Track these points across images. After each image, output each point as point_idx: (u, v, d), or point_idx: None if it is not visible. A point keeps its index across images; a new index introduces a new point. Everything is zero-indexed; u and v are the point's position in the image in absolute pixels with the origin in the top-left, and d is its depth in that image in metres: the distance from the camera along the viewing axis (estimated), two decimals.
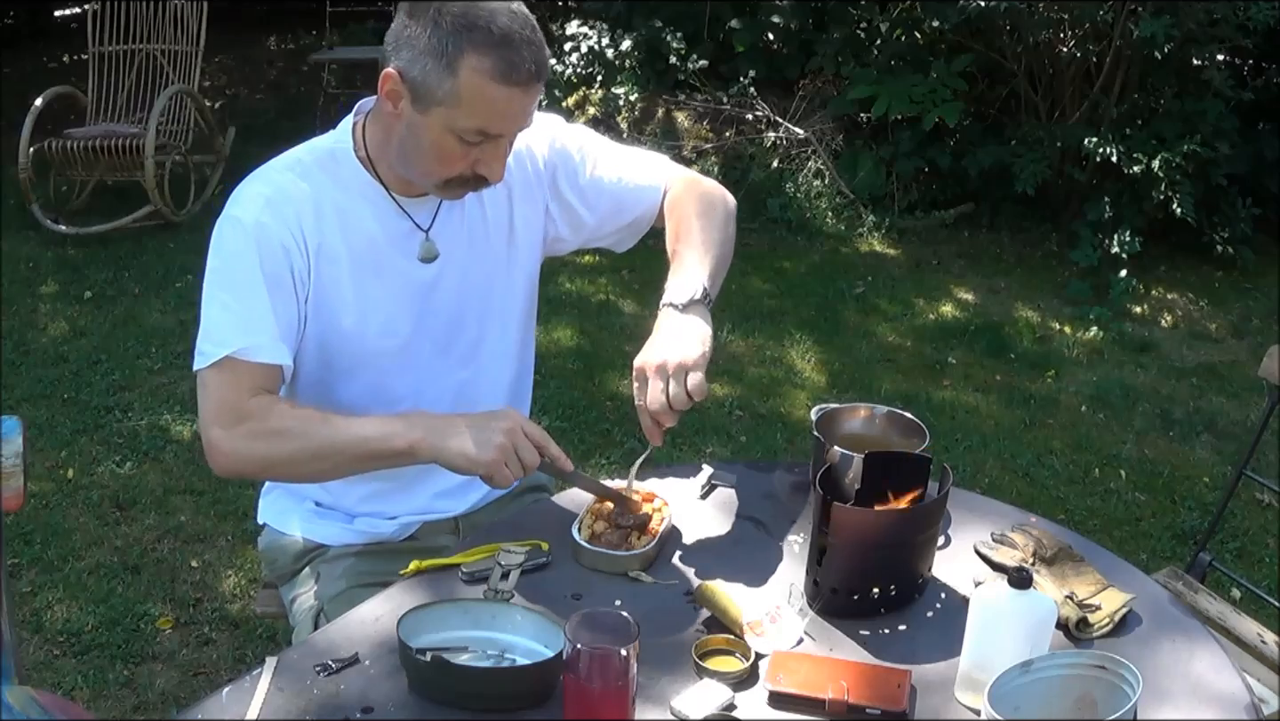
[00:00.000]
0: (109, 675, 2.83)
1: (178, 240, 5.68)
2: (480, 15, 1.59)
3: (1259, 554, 3.46)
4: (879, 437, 1.85)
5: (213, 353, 1.67)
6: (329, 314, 1.76)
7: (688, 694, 1.43)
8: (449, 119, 1.63)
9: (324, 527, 1.92)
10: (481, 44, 1.59)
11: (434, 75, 1.60)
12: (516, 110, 1.64)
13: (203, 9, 6.20)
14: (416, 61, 1.61)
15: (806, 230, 5.99)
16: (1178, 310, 5.26)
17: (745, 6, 6.77)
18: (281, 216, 1.71)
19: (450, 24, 1.59)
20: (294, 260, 1.71)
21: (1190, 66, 5.45)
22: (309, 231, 1.72)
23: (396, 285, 1.79)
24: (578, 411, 4.11)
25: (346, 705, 1.42)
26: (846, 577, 1.60)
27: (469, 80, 1.60)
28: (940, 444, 3.93)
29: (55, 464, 3.72)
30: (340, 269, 1.75)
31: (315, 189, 1.74)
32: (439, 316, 1.83)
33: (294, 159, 1.79)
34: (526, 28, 1.62)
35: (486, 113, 1.62)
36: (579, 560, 1.70)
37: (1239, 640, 2.21)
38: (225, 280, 1.71)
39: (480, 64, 1.59)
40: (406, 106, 1.65)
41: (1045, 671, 1.36)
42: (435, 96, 1.62)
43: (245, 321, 1.68)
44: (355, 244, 1.76)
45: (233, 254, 1.70)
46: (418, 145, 1.68)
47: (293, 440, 1.67)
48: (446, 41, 1.59)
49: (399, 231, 1.78)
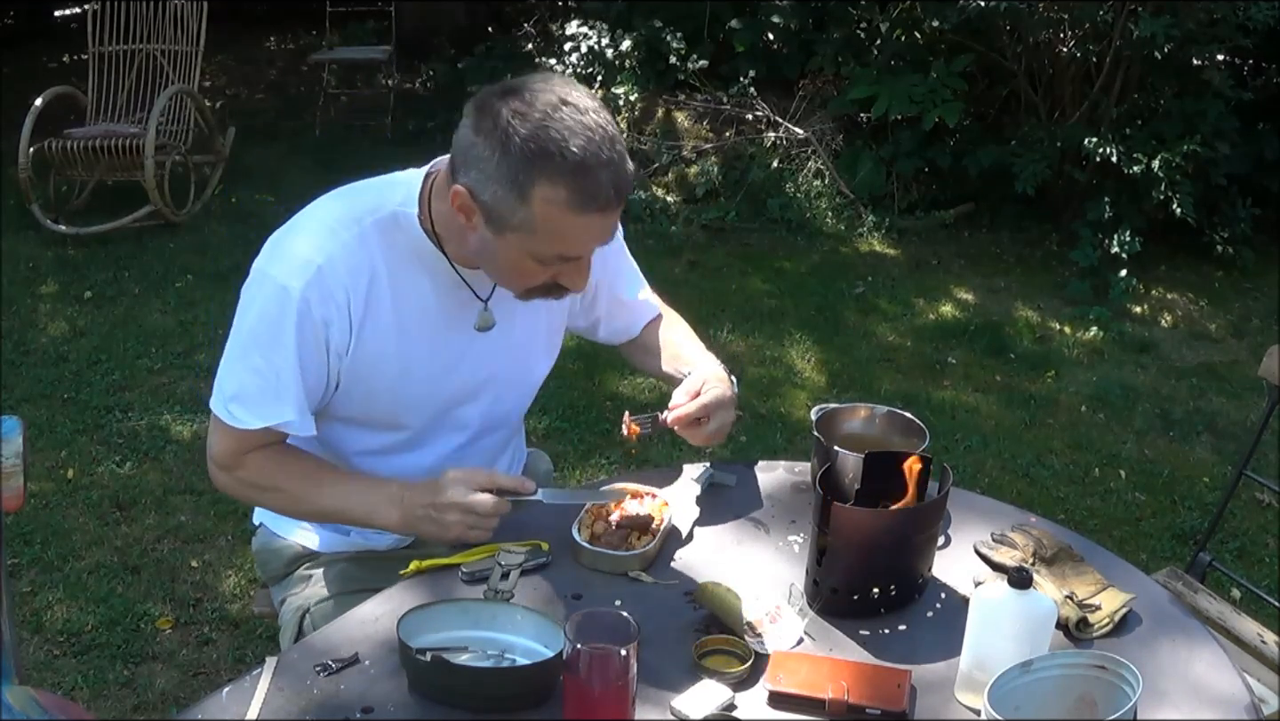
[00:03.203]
0: (109, 675, 2.83)
1: (178, 240, 5.68)
2: (553, 139, 1.47)
3: (1259, 554, 3.46)
4: (879, 438, 1.85)
5: (244, 420, 1.66)
6: (365, 376, 1.72)
7: (688, 694, 1.43)
8: (525, 244, 1.55)
9: (320, 535, 1.93)
10: (555, 173, 1.48)
11: (505, 203, 1.51)
12: (595, 234, 1.57)
13: (203, 9, 6.20)
14: (486, 185, 1.52)
15: (806, 230, 5.99)
16: (1178, 310, 5.26)
17: (745, 6, 6.77)
18: (329, 291, 1.63)
19: (520, 149, 1.48)
20: (334, 334, 1.65)
21: (1190, 66, 5.46)
22: (356, 303, 1.65)
23: (442, 351, 1.75)
24: (578, 411, 4.11)
25: (346, 705, 1.42)
26: (846, 577, 1.60)
27: (543, 211, 1.51)
28: (940, 444, 3.93)
29: (55, 464, 3.72)
30: (386, 336, 1.69)
31: (370, 257, 1.65)
32: (474, 378, 1.81)
33: (353, 216, 1.67)
34: (605, 145, 1.50)
35: (564, 241, 1.55)
36: (579, 560, 1.70)
37: (1239, 640, 2.21)
38: (260, 343, 1.65)
39: (554, 195, 1.49)
40: (480, 223, 1.56)
41: (1045, 671, 1.36)
42: (509, 223, 1.53)
43: (276, 395, 1.65)
44: (406, 311, 1.69)
45: (272, 320, 1.63)
46: (494, 261, 1.62)
47: (279, 497, 1.77)
48: (517, 170, 1.48)
49: (454, 300, 1.73)
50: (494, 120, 1.50)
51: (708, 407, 1.77)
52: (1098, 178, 5.60)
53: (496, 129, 1.49)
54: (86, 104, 6.18)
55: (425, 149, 7.08)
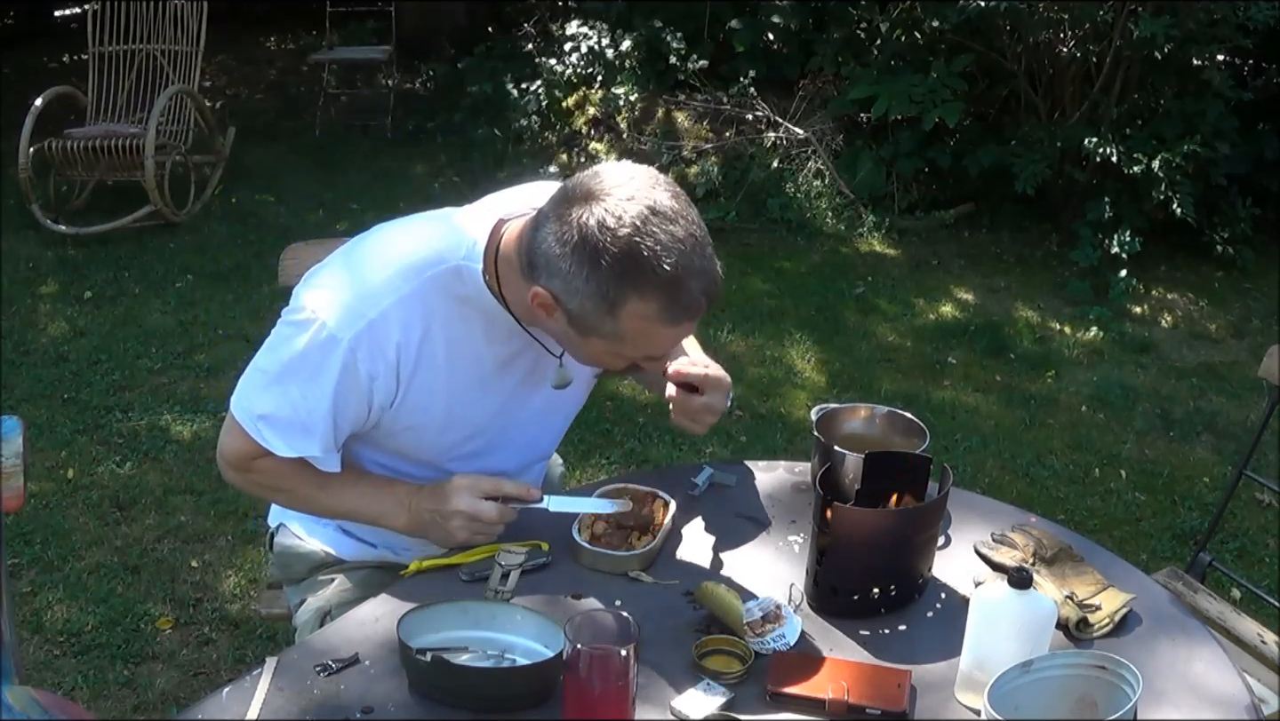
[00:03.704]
0: (109, 675, 2.83)
1: (178, 240, 5.68)
2: (645, 254, 1.42)
3: (1259, 554, 3.46)
4: (879, 438, 1.85)
5: (271, 443, 1.64)
6: (410, 423, 1.70)
7: (688, 694, 1.43)
8: (611, 347, 1.54)
9: (347, 545, 1.93)
10: (647, 289, 1.44)
11: (594, 315, 1.48)
12: (684, 335, 1.56)
13: (203, 9, 6.20)
14: (572, 297, 1.47)
15: (806, 230, 5.99)
16: (1178, 310, 5.26)
17: (745, 6, 6.77)
18: (378, 348, 1.59)
19: (610, 266, 1.42)
20: (378, 389, 1.62)
21: (1190, 66, 5.46)
22: (406, 359, 1.62)
23: (494, 402, 1.74)
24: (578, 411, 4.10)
25: (346, 705, 1.42)
26: (846, 577, 1.60)
27: (632, 324, 1.48)
28: (940, 444, 3.93)
29: (55, 464, 3.72)
30: (435, 387, 1.66)
31: (426, 311, 1.60)
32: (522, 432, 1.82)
33: (414, 268, 1.60)
34: (697, 253, 1.45)
35: (651, 345, 1.54)
36: (579, 560, 1.70)
37: (1239, 640, 2.21)
38: (300, 381, 1.61)
39: (646, 310, 1.46)
40: (563, 321, 1.52)
41: (1045, 671, 1.36)
42: (596, 331, 1.51)
43: (307, 431, 1.63)
44: (458, 363, 1.66)
45: (315, 363, 1.59)
46: (577, 352, 1.62)
47: (289, 496, 1.80)
48: (607, 286, 1.44)
49: (509, 351, 1.69)
50: (580, 233, 1.43)
51: (708, 380, 1.73)
52: (1098, 178, 5.60)
53: (586, 245, 1.43)
54: (86, 104, 6.18)
55: (425, 149, 7.15)
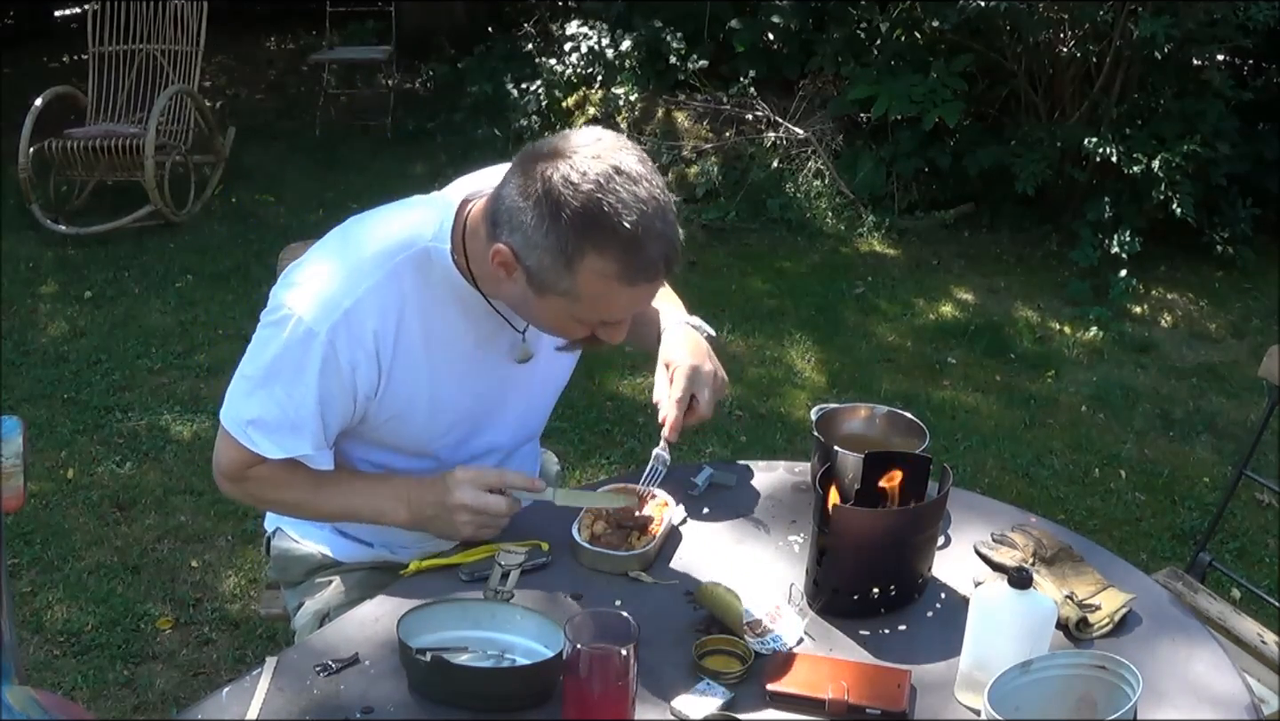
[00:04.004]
0: (109, 675, 2.83)
1: (178, 240, 5.68)
2: (606, 209, 1.43)
3: (1259, 554, 3.46)
4: (879, 438, 1.85)
5: (261, 446, 1.65)
6: (396, 411, 1.70)
7: (688, 694, 1.43)
8: (567, 308, 1.54)
9: (344, 546, 1.93)
10: (606, 246, 1.45)
11: (551, 271, 1.48)
12: (641, 300, 1.56)
13: (203, 9, 6.20)
14: (530, 251, 1.48)
15: (806, 230, 5.99)
16: (1178, 310, 5.26)
17: (745, 6, 6.77)
18: (355, 337, 1.60)
19: (570, 219, 1.44)
20: (361, 378, 1.63)
21: (1190, 66, 5.46)
22: (385, 345, 1.63)
23: (475, 382, 1.74)
24: (578, 411, 4.11)
25: (346, 705, 1.42)
26: (846, 577, 1.60)
27: (588, 281, 1.48)
28: (940, 444, 3.93)
29: (55, 464, 3.72)
30: (418, 372, 1.67)
31: (401, 295, 1.62)
32: (506, 405, 1.81)
33: (384, 253, 1.62)
34: (658, 217, 1.46)
35: (608, 308, 1.54)
36: (579, 560, 1.70)
37: (1239, 640, 2.21)
38: (283, 381, 1.62)
39: (604, 267, 1.47)
40: (521, 280, 1.53)
41: (1045, 671, 1.36)
42: (553, 289, 1.51)
43: (296, 430, 1.64)
44: (436, 345, 1.68)
45: (296, 360, 1.60)
46: (533, 316, 1.61)
47: (287, 506, 1.83)
48: (566, 240, 1.45)
49: (485, 329, 1.71)
50: (543, 186, 1.45)
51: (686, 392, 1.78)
52: (1098, 178, 5.60)
53: (547, 197, 1.45)
54: (86, 104, 6.18)
55: (425, 149, 7.15)
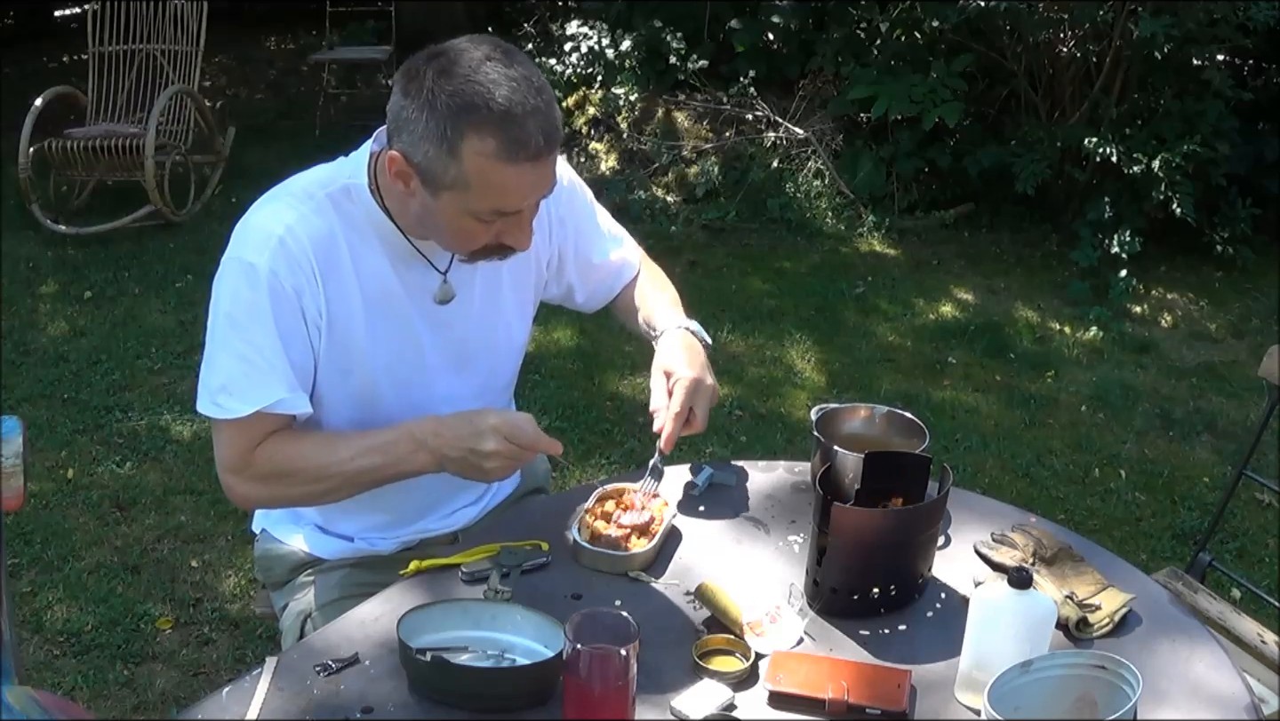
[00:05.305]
0: (109, 675, 2.83)
1: (178, 240, 5.68)
2: (477, 92, 1.49)
3: (1259, 554, 3.46)
4: (879, 438, 1.85)
5: (235, 409, 1.65)
6: (342, 348, 1.71)
7: (688, 694, 1.43)
8: (462, 202, 1.56)
9: (324, 543, 1.92)
10: (481, 124, 1.49)
11: (438, 161, 1.52)
12: (530, 185, 1.57)
13: (203, 9, 6.20)
14: (417, 147, 1.53)
15: (806, 230, 5.99)
16: (1178, 310, 5.26)
17: (745, 6, 6.77)
18: (294, 261, 1.64)
19: (446, 105, 1.49)
20: (306, 304, 1.66)
21: (1190, 66, 5.45)
22: (322, 271, 1.66)
23: (408, 325, 1.75)
24: (578, 411, 4.11)
25: (346, 705, 1.42)
26: (846, 577, 1.60)
27: (473, 164, 1.51)
28: (940, 444, 3.93)
29: (55, 464, 3.72)
30: (353, 306, 1.69)
31: (328, 226, 1.67)
32: (448, 353, 1.81)
33: (306, 191, 1.69)
34: (531, 94, 1.51)
35: (498, 194, 1.55)
36: (579, 560, 1.70)
37: (1239, 640, 2.21)
38: (239, 328, 1.65)
39: (483, 146, 1.50)
40: (418, 187, 1.58)
41: (1045, 671, 1.36)
42: (443, 182, 1.54)
43: (264, 375, 1.64)
44: (368, 283, 1.70)
45: (247, 303, 1.64)
46: (436, 224, 1.62)
47: (303, 480, 1.70)
48: (445, 125, 1.50)
49: (412, 274, 1.73)
50: (420, 82, 1.51)
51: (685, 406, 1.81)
52: (1098, 178, 5.60)
53: (423, 90, 1.51)
54: (86, 104, 6.18)
55: None
